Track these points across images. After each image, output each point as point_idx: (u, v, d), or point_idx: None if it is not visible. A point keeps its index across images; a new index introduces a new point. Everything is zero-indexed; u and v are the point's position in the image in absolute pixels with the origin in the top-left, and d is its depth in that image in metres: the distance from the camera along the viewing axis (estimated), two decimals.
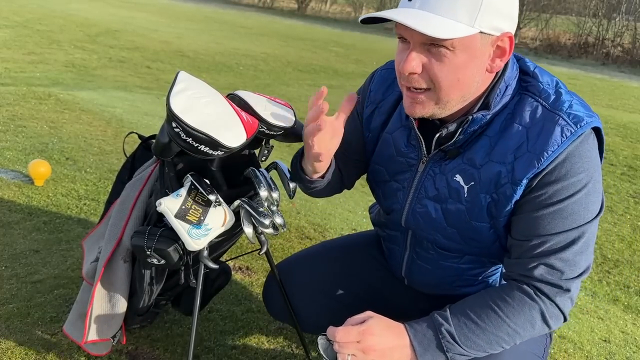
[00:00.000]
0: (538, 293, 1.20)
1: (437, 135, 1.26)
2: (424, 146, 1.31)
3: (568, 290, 1.20)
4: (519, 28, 19.42)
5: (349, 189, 1.60)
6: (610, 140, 6.13)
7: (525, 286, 1.21)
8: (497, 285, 1.46)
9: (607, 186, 4.65)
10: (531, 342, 1.32)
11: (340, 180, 1.52)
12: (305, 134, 1.25)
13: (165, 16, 15.72)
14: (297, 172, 1.41)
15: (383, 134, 1.43)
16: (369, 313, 1.24)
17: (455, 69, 1.14)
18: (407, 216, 1.40)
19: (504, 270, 1.33)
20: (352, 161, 1.50)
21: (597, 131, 1.20)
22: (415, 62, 1.15)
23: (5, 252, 2.34)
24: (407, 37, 1.16)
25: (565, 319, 1.23)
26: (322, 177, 1.39)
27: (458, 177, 1.28)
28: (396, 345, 1.20)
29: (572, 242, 1.18)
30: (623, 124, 7.07)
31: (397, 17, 1.11)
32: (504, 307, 1.20)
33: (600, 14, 18.52)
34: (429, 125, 1.30)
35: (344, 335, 1.19)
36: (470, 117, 1.21)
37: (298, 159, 1.42)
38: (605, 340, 2.33)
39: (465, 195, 1.27)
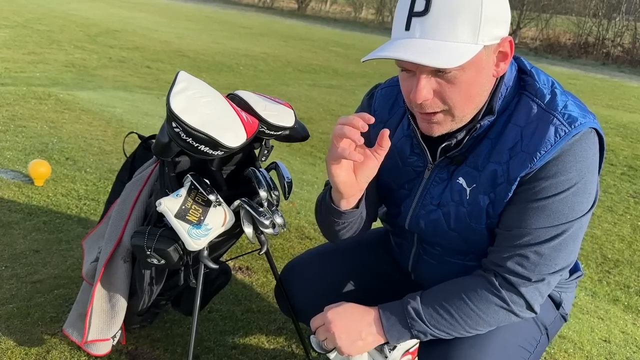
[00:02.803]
0: (504, 283, 1.22)
1: (444, 144, 1.27)
2: (428, 154, 1.32)
3: (537, 282, 1.20)
4: (519, 28, 19.44)
5: (375, 220, 1.56)
6: (610, 140, 6.13)
7: (492, 277, 1.23)
8: None
9: (607, 186, 4.65)
10: (521, 336, 1.33)
11: (368, 216, 1.47)
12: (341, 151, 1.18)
13: (165, 16, 15.72)
14: (328, 205, 1.34)
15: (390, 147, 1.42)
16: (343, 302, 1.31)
17: (467, 86, 1.15)
18: (411, 221, 1.41)
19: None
20: (375, 185, 1.44)
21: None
22: (426, 90, 1.14)
23: (5, 252, 2.34)
24: (413, 68, 1.14)
25: (533, 310, 1.24)
26: (356, 206, 1.33)
27: (461, 180, 1.29)
28: (363, 321, 1.27)
29: (551, 239, 1.19)
30: (623, 124, 7.07)
31: (402, 55, 1.09)
32: (469, 292, 1.24)
33: (600, 14, 18.52)
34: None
35: (313, 321, 1.30)
36: (478, 125, 1.22)
37: (327, 192, 1.35)
38: (605, 340, 2.33)
39: (467, 198, 1.28)
